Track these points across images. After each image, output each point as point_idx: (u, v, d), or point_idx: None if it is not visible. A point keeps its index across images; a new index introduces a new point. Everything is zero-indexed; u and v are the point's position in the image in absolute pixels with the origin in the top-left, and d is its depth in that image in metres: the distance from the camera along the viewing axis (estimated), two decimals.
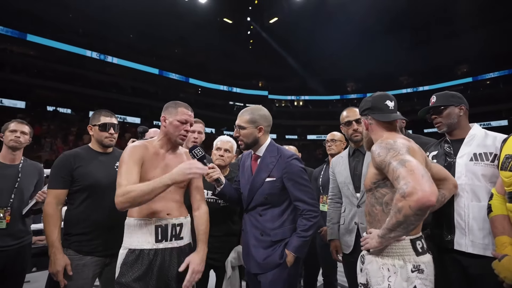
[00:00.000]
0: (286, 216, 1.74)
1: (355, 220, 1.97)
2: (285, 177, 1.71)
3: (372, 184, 1.37)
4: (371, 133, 1.53)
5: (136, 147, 1.58)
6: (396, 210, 1.14)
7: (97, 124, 1.98)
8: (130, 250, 1.50)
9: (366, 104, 1.55)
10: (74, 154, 1.88)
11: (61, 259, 1.72)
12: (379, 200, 1.34)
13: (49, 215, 1.76)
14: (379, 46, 27.52)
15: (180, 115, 1.64)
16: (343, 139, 2.82)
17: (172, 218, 1.58)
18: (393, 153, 1.24)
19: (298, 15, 28.40)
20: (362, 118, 1.57)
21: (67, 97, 21.43)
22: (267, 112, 1.85)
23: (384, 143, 1.32)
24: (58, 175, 1.81)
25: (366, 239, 1.34)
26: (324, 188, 2.74)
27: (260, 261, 1.69)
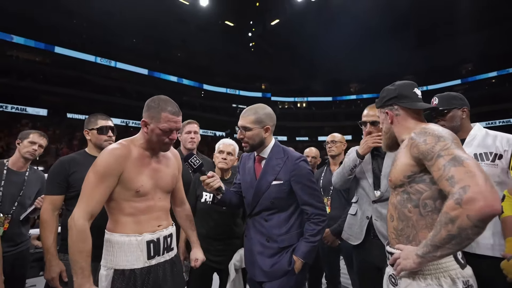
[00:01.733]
0: (293, 221, 1.65)
1: (368, 214, 1.81)
2: (293, 180, 1.61)
3: (404, 178, 1.13)
4: (395, 126, 1.29)
5: (115, 154, 1.34)
6: (448, 220, 0.90)
7: (95, 128, 1.94)
8: (117, 271, 1.31)
9: (390, 93, 1.31)
10: (69, 160, 1.84)
11: (56, 265, 1.69)
12: (414, 198, 1.11)
13: (45, 221, 1.72)
14: (381, 46, 27.41)
15: (163, 122, 1.38)
16: (343, 140, 2.81)
17: (163, 230, 1.44)
18: (443, 144, 1.01)
19: (300, 17, 28.40)
20: (386, 109, 1.32)
21: (72, 103, 21.67)
22: (271, 110, 1.72)
23: (430, 129, 1.09)
24: (54, 180, 1.77)
25: (397, 259, 1.08)
26: (325, 190, 2.72)
27: (266, 269, 1.59)
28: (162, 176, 1.48)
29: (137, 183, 1.36)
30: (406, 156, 1.14)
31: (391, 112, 1.30)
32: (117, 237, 1.34)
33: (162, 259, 1.43)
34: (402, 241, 1.13)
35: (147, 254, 1.36)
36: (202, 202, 2.13)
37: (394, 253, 1.13)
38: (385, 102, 1.32)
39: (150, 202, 1.41)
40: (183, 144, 2.51)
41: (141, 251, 1.34)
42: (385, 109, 1.32)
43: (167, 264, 1.45)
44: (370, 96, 32.72)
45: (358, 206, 1.93)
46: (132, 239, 1.34)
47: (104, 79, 24.16)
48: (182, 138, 2.52)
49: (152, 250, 1.38)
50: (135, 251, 1.33)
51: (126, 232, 1.34)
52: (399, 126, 1.28)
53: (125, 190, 1.35)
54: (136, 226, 1.36)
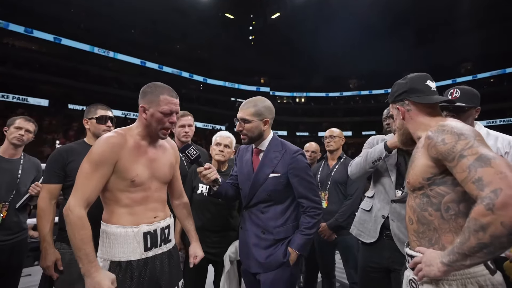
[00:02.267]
0: (289, 214, 1.67)
1: (384, 213, 1.72)
2: (290, 172, 1.63)
3: (424, 181, 1.05)
4: (408, 122, 1.21)
5: (110, 142, 1.32)
6: (478, 227, 0.82)
7: (94, 117, 1.95)
8: (114, 263, 1.31)
9: (400, 87, 1.24)
10: (67, 149, 1.84)
11: (52, 254, 1.70)
12: (435, 201, 1.03)
13: (42, 209, 1.72)
14: (381, 44, 27.34)
15: (163, 104, 1.37)
16: (341, 135, 2.82)
17: (160, 222, 1.43)
18: (465, 143, 0.93)
19: (300, 11, 28.18)
20: (397, 105, 1.26)
21: (69, 93, 21.48)
22: (271, 103, 1.73)
23: (449, 126, 1.00)
24: (51, 169, 1.78)
25: (419, 265, 1.00)
26: (322, 185, 2.74)
27: (262, 261, 1.62)
28: (158, 166, 1.46)
29: (133, 172, 1.34)
30: (424, 156, 1.06)
31: (402, 108, 1.23)
32: (113, 228, 1.32)
33: (160, 251, 1.42)
34: (424, 244, 1.06)
35: (144, 245, 1.35)
36: (198, 194, 2.13)
37: (414, 256, 1.05)
38: (396, 97, 1.25)
39: (146, 192, 1.39)
40: (177, 137, 2.47)
41: (138, 242, 1.33)
42: (396, 105, 1.26)
43: (164, 256, 1.44)
44: (368, 93, 32.73)
45: (373, 202, 1.82)
46: (128, 231, 1.32)
47: (101, 70, 23.92)
48: (176, 131, 2.50)
49: (149, 241, 1.37)
50: (132, 242, 1.32)
51: (122, 224, 1.33)
52: (412, 122, 1.20)
53: (120, 180, 1.33)
54: (132, 217, 1.35)
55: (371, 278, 1.75)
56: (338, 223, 2.54)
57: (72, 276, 1.72)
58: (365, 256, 1.81)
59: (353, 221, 1.98)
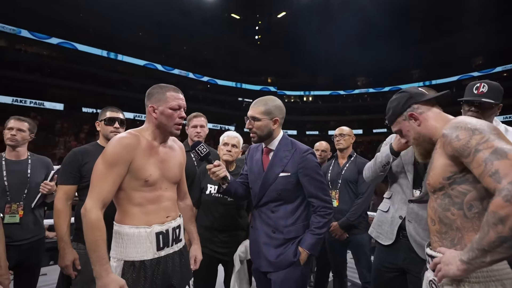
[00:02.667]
0: (300, 213, 1.67)
1: (401, 214, 1.66)
2: (300, 172, 1.63)
3: (444, 180, 1.03)
4: (425, 127, 1.17)
5: (124, 143, 1.34)
6: (497, 220, 0.80)
7: (103, 119, 2.01)
8: (127, 263, 1.33)
9: (402, 98, 1.25)
10: (82, 151, 1.89)
11: (70, 253, 1.74)
12: (457, 200, 1.00)
13: (58, 210, 1.76)
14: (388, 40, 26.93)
15: (171, 101, 1.43)
16: (351, 133, 2.79)
17: (171, 221, 1.46)
18: (480, 137, 0.92)
19: (306, 10, 28.03)
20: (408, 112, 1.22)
21: (80, 96, 21.87)
22: (281, 103, 1.74)
23: (463, 122, 0.99)
24: (67, 171, 1.83)
25: (438, 265, 0.98)
26: (333, 183, 2.72)
27: (272, 260, 1.62)
28: (169, 166, 1.50)
29: (146, 173, 1.37)
30: (442, 156, 1.05)
31: (415, 113, 1.19)
32: (126, 229, 1.35)
33: (171, 250, 1.45)
34: (446, 244, 1.03)
35: (157, 245, 1.38)
36: (207, 194, 2.14)
37: (435, 256, 1.03)
38: (402, 107, 1.23)
39: (158, 192, 1.42)
40: (190, 137, 2.53)
41: (151, 242, 1.36)
42: (407, 113, 1.22)
43: (175, 255, 1.47)
44: (376, 90, 32.30)
45: (391, 203, 1.77)
46: (141, 231, 1.35)
47: (110, 73, 24.28)
48: (189, 131, 2.56)
49: (162, 241, 1.39)
50: (145, 242, 1.35)
51: (135, 224, 1.35)
52: (428, 127, 1.16)
53: (134, 180, 1.35)
54: (145, 216, 1.37)
55: (385, 278, 1.72)
56: (350, 222, 2.52)
57: (89, 276, 1.70)
58: (380, 256, 1.77)
59: (372, 222, 1.93)
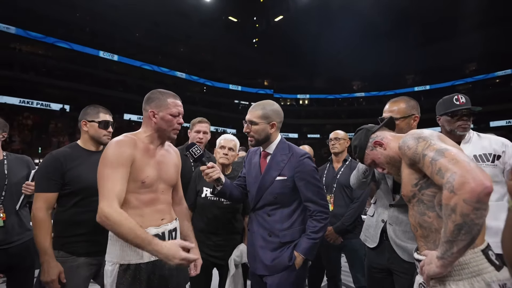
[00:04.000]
0: (296, 217, 1.67)
1: (383, 218, 1.75)
2: (297, 176, 1.64)
3: (413, 188, 1.11)
4: (389, 147, 1.31)
5: (123, 144, 1.35)
6: (449, 211, 0.89)
7: (96, 121, 1.84)
8: (122, 266, 1.32)
9: (361, 133, 1.46)
10: (64, 155, 1.70)
11: (55, 267, 1.58)
12: (430, 204, 1.08)
13: (40, 220, 1.59)
14: (384, 45, 27.22)
15: (172, 107, 1.46)
16: (346, 137, 2.79)
17: (167, 224, 1.45)
18: (424, 143, 1.04)
19: (303, 14, 28.21)
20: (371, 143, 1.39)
21: (75, 96, 21.71)
22: (279, 107, 1.75)
23: (410, 134, 1.13)
24: (48, 177, 1.64)
25: (424, 267, 1.04)
26: (328, 188, 2.71)
27: (267, 263, 1.62)
28: (166, 168, 1.51)
29: (144, 174, 1.37)
30: (404, 167, 1.16)
31: (378, 140, 1.35)
32: None
33: None
34: (430, 247, 1.09)
35: None
36: (203, 198, 2.13)
37: (421, 260, 1.09)
38: (365, 140, 1.40)
39: (154, 194, 1.43)
40: (191, 141, 2.51)
41: None
42: (371, 142, 1.38)
43: None
44: (372, 94, 32.59)
45: (375, 208, 1.86)
46: None
47: (106, 73, 24.15)
48: (191, 135, 2.56)
49: None
50: None
51: None
52: (392, 148, 1.29)
53: (131, 181, 1.35)
54: (140, 219, 1.34)
55: (375, 278, 1.80)
56: (345, 227, 2.51)
57: (75, 283, 1.65)
58: (369, 258, 1.86)
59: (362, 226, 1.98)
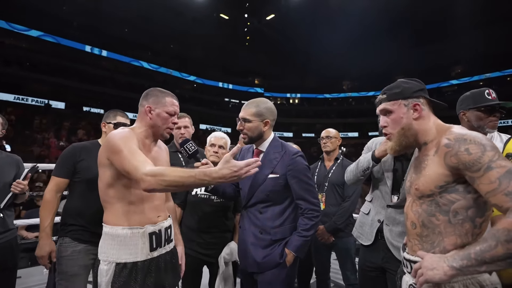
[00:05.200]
0: (287, 215, 1.69)
1: (380, 218, 1.74)
2: (289, 174, 1.65)
3: (436, 189, 1.05)
4: (420, 123, 1.14)
5: (126, 133, 1.36)
6: (510, 238, 0.84)
7: (112, 123, 2.06)
8: (119, 265, 1.31)
9: (415, 86, 1.19)
10: (82, 146, 1.95)
11: (48, 244, 1.78)
12: (444, 208, 1.04)
13: (47, 200, 1.81)
14: (375, 46, 27.61)
15: (168, 106, 1.48)
16: (338, 136, 2.80)
17: (163, 221, 1.47)
18: (492, 154, 0.94)
19: (295, 13, 28.27)
20: (412, 101, 1.16)
21: (60, 91, 21.13)
22: (273, 105, 1.77)
23: (469, 136, 1.00)
24: (63, 164, 1.88)
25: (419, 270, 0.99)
26: (319, 186, 2.72)
27: (258, 260, 1.64)
28: (160, 164, 1.52)
29: None
30: (438, 165, 1.05)
31: (420, 106, 1.14)
32: (119, 230, 1.33)
33: (164, 251, 1.46)
34: (426, 247, 1.07)
35: (150, 246, 1.37)
36: (193, 195, 2.12)
37: (414, 261, 1.06)
38: (413, 93, 1.16)
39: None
40: (175, 139, 2.49)
41: (144, 243, 1.36)
42: (412, 101, 1.15)
43: (167, 256, 1.48)
44: (362, 95, 33.05)
45: (371, 206, 1.83)
46: (134, 232, 1.34)
47: (95, 69, 23.59)
48: (174, 132, 2.50)
49: (155, 242, 1.40)
50: (138, 243, 1.34)
51: (128, 225, 1.34)
52: (423, 125, 1.14)
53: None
54: (138, 216, 1.37)
55: (368, 277, 1.79)
56: (336, 226, 2.53)
57: (76, 268, 1.79)
58: (363, 257, 1.84)
59: (355, 223, 1.99)
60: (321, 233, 2.58)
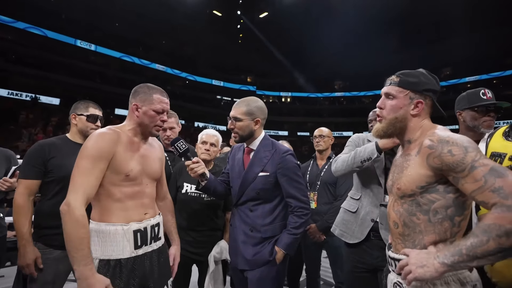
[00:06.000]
0: (278, 213, 1.70)
1: (373, 217, 1.71)
2: (279, 172, 1.66)
3: (417, 189, 1.06)
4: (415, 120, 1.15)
5: (105, 137, 1.31)
6: (502, 233, 0.85)
7: (85, 115, 1.92)
8: (102, 262, 1.29)
9: (430, 83, 1.16)
10: (49, 143, 1.79)
11: (32, 251, 1.64)
12: (425, 207, 1.05)
13: (20, 206, 1.65)
14: (367, 47, 27.93)
15: (156, 103, 1.44)
16: (330, 134, 2.80)
17: (150, 219, 1.43)
18: (474, 154, 0.96)
19: (288, 12, 28.31)
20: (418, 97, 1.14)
21: (48, 86, 20.63)
22: (263, 104, 1.78)
23: (450, 138, 1.01)
24: (31, 164, 1.71)
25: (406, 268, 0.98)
26: (311, 185, 2.72)
27: (249, 258, 1.65)
28: (150, 162, 1.48)
29: (128, 167, 1.35)
30: (420, 166, 1.06)
31: (422, 105, 1.14)
32: (103, 226, 1.31)
33: (150, 249, 1.42)
34: (408, 246, 1.09)
35: (134, 243, 1.34)
36: (183, 194, 2.09)
37: (399, 259, 1.06)
38: (422, 89, 1.14)
39: (138, 187, 1.40)
40: (161, 139, 2.36)
41: (128, 240, 1.32)
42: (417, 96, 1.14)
43: (154, 254, 1.44)
44: (353, 94, 33.40)
45: (360, 204, 1.80)
46: (118, 229, 1.31)
47: (83, 63, 23.09)
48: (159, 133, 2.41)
49: (139, 239, 1.36)
50: (122, 240, 1.31)
51: (113, 221, 1.32)
52: (415, 123, 1.15)
53: (114, 174, 1.32)
54: (123, 213, 1.34)
55: (360, 278, 1.74)
56: (328, 225, 2.50)
57: (46, 278, 1.67)
58: (351, 257, 1.79)
59: (335, 220, 1.96)
60: (312, 231, 2.59)
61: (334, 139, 2.94)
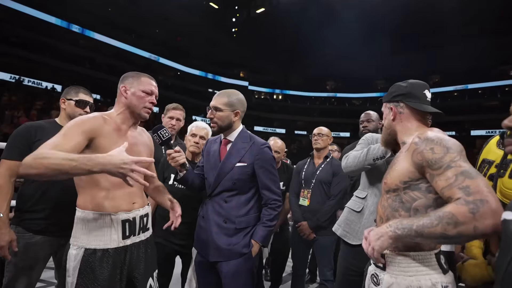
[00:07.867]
0: (252, 204, 1.74)
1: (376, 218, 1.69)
2: (257, 163, 1.70)
3: (400, 184, 1.12)
4: (397, 124, 1.28)
5: (88, 118, 1.31)
6: (451, 221, 0.91)
7: (74, 99, 1.90)
8: (88, 251, 1.27)
9: (399, 89, 1.30)
10: (37, 126, 1.76)
11: (7, 233, 1.58)
12: (407, 205, 1.11)
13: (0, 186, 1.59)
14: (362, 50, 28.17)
15: (144, 85, 1.44)
16: (330, 134, 2.82)
17: (139, 209, 1.42)
18: (453, 156, 1.01)
19: (285, 9, 28.20)
20: (391, 105, 1.30)
21: (34, 68, 19.90)
22: (244, 97, 1.83)
23: (436, 138, 1.07)
24: (15, 145, 1.67)
25: (370, 244, 1.05)
26: (306, 183, 2.73)
27: (223, 247, 1.64)
28: (137, 150, 1.46)
29: None
30: (406, 161, 1.13)
31: (395, 109, 1.29)
32: (90, 214, 1.29)
33: (138, 239, 1.41)
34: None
35: (122, 233, 1.33)
36: (170, 185, 2.09)
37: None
38: (393, 98, 1.31)
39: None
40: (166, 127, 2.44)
41: (116, 230, 1.32)
42: (390, 104, 1.31)
43: (141, 245, 1.44)
44: (344, 96, 33.76)
45: (365, 204, 1.78)
46: (105, 218, 1.30)
47: (72, 47, 22.36)
48: (164, 120, 2.50)
49: (128, 229, 1.36)
50: (109, 230, 1.30)
51: (100, 210, 1.30)
52: (401, 125, 1.27)
53: None
54: (111, 202, 1.32)
55: (352, 281, 1.73)
56: (319, 223, 2.55)
57: (28, 261, 1.65)
58: (347, 259, 1.78)
59: (338, 220, 1.94)
60: (303, 229, 2.60)
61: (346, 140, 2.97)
